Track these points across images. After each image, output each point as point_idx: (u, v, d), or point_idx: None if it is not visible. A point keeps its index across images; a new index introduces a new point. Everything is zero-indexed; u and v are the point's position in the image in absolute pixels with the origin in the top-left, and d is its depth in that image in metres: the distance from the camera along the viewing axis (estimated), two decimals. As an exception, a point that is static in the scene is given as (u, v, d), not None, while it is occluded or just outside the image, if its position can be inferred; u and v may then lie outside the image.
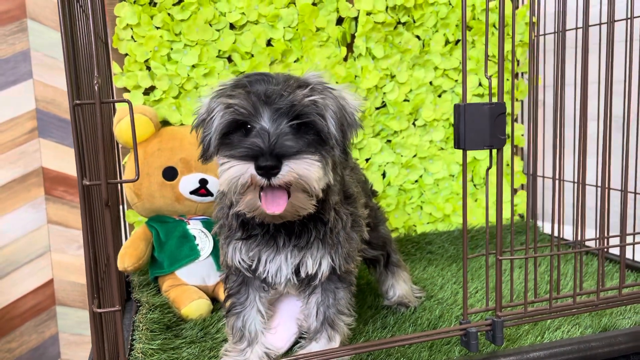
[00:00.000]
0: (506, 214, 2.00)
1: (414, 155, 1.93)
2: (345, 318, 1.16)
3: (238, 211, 1.02)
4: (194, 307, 1.36)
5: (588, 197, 1.36)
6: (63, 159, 2.92)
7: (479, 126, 1.01)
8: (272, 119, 0.94)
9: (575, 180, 1.54)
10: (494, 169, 1.05)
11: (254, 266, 1.10)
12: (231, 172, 0.92)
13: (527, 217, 1.08)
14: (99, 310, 0.85)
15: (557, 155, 1.09)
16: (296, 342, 1.20)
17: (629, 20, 1.24)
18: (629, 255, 1.49)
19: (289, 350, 1.19)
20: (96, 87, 0.79)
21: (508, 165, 2.00)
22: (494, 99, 1.16)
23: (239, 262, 1.10)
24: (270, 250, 1.08)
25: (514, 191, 2.02)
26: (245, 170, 0.91)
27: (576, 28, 1.56)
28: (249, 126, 0.96)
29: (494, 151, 1.04)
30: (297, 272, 1.09)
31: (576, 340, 1.12)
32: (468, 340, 1.05)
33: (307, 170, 0.91)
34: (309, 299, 1.16)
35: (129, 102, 0.81)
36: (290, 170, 0.90)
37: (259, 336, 1.15)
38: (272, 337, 1.18)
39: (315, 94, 0.96)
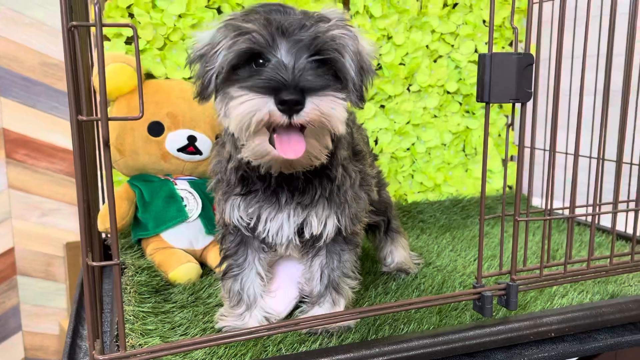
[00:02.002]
0: (497, 184, 1.97)
1: (407, 122, 1.87)
2: (350, 281, 1.09)
3: (241, 158, 0.93)
4: (183, 271, 1.27)
5: (583, 171, 1.34)
6: (25, 120, 2.74)
7: (505, 78, 0.94)
8: (291, 52, 0.83)
9: (577, 153, 1.51)
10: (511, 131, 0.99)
11: (252, 224, 1.01)
12: (245, 107, 0.79)
13: (548, 182, 1.03)
14: (94, 264, 0.76)
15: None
16: (297, 307, 1.13)
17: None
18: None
19: (289, 315, 1.12)
20: (96, 8, 0.69)
21: (499, 135, 1.96)
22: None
23: (238, 220, 1.01)
24: (271, 208, 1.00)
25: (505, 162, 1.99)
26: (264, 104, 0.78)
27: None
28: (261, 60, 0.85)
29: (517, 106, 0.98)
30: (299, 232, 1.02)
31: (587, 306, 1.09)
32: (482, 305, 1.01)
33: (332, 109, 0.81)
34: (312, 262, 1.08)
35: (133, 27, 0.71)
36: (315, 107, 0.79)
37: (258, 300, 1.07)
38: (271, 301, 1.10)
39: (337, 29, 0.87)
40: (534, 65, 0.95)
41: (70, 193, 2.85)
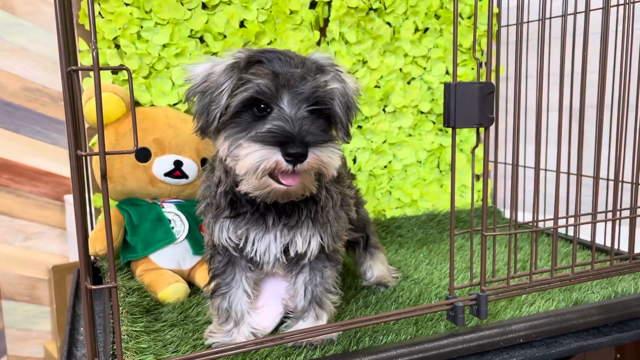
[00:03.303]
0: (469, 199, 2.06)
1: (384, 141, 1.95)
2: (332, 296, 1.16)
3: (231, 184, 1.01)
4: (171, 290, 1.33)
5: (550, 184, 1.44)
6: (8, 145, 2.77)
7: (468, 105, 1.03)
8: (292, 103, 0.94)
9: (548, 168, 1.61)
10: (480, 149, 1.08)
11: (241, 245, 1.08)
12: (256, 156, 0.90)
13: (511, 198, 1.12)
14: (93, 287, 0.81)
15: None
16: (282, 322, 1.19)
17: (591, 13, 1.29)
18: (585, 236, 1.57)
19: (275, 330, 1.18)
20: (94, 53, 0.76)
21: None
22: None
23: (226, 241, 1.08)
24: (259, 229, 1.07)
25: (477, 177, 2.08)
26: (272, 155, 0.89)
27: (527, 21, 1.62)
28: (262, 106, 0.94)
29: (481, 130, 1.07)
30: (285, 251, 1.09)
31: (553, 313, 1.17)
32: (455, 315, 1.08)
33: (330, 158, 0.93)
34: (296, 278, 1.15)
35: (127, 69, 0.78)
36: (316, 157, 0.91)
37: (245, 316, 1.13)
38: (258, 317, 1.16)
39: (333, 83, 0.98)
40: (494, 93, 1.04)
41: (54, 216, 2.88)
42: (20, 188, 2.84)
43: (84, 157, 1.23)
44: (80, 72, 1.56)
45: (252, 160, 0.90)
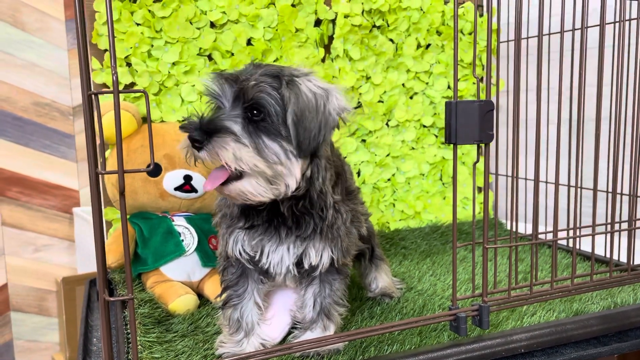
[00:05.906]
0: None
1: (387, 155, 2.00)
2: (339, 308, 1.20)
3: None
4: (182, 302, 1.36)
5: (550, 196, 1.47)
6: (18, 159, 2.83)
7: (469, 122, 1.07)
8: (230, 101, 1.02)
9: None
10: (481, 163, 1.12)
11: (256, 257, 1.12)
12: (182, 144, 1.03)
13: (510, 211, 1.16)
14: (111, 299, 0.85)
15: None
16: (289, 333, 1.23)
17: (586, 30, 1.34)
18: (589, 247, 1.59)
19: (283, 341, 1.22)
20: (114, 77, 0.80)
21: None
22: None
23: (240, 253, 1.12)
24: (273, 240, 1.11)
25: (479, 189, 2.12)
26: (186, 142, 1.00)
27: (527, 37, 1.67)
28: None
29: (482, 146, 1.11)
30: (298, 264, 1.13)
31: (553, 324, 1.21)
32: (458, 325, 1.11)
33: (223, 148, 0.97)
34: (306, 290, 1.19)
35: (145, 92, 0.82)
36: (211, 146, 0.97)
37: (255, 327, 1.17)
38: (267, 328, 1.20)
39: (265, 85, 0.99)
40: (493, 110, 1.08)
41: (63, 228, 2.93)
42: (29, 201, 2.89)
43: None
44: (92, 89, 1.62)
45: (180, 146, 1.03)
